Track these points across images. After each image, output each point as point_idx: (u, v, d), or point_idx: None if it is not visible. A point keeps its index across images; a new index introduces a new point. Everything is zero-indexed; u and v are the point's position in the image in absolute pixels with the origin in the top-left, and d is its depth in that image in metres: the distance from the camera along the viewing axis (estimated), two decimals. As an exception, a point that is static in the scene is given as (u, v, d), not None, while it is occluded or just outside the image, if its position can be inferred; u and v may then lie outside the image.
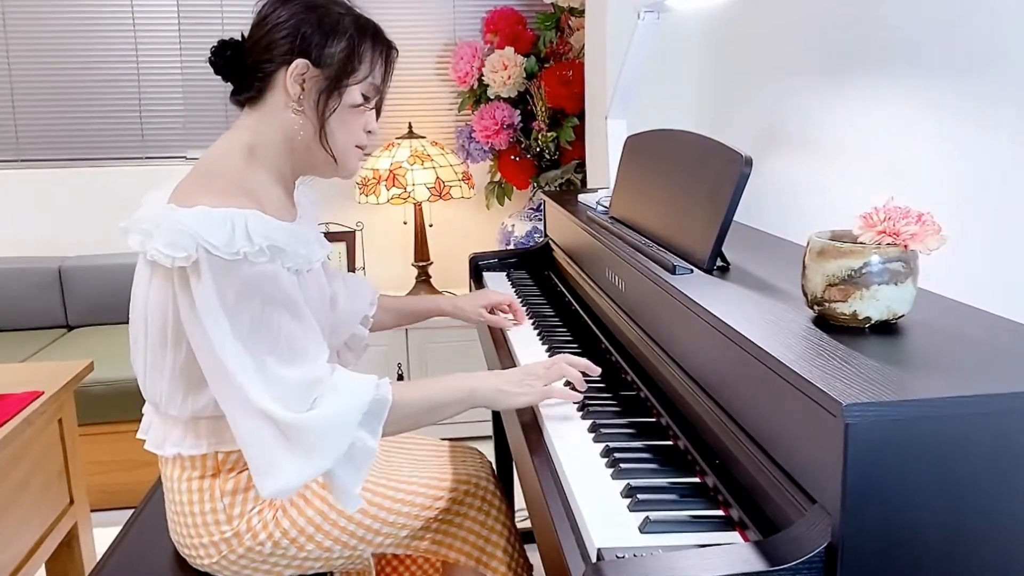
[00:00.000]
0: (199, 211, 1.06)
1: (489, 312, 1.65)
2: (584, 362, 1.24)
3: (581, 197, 1.98)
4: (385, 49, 1.23)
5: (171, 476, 1.23)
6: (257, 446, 1.06)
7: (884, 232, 0.89)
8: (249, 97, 1.20)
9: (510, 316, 1.66)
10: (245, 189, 1.13)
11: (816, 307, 0.95)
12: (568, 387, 1.24)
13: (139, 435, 1.26)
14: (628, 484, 0.97)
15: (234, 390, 1.06)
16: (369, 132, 1.25)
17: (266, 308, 1.07)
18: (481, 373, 1.23)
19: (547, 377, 1.21)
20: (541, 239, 2.24)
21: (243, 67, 1.19)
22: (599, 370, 1.25)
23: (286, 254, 1.10)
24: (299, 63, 1.16)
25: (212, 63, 1.21)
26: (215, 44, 1.21)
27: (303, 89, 1.17)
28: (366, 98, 1.21)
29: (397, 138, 3.04)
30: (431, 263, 3.13)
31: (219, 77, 1.22)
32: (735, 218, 1.20)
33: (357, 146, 1.24)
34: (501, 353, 1.53)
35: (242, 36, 1.21)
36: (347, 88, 1.18)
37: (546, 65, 2.97)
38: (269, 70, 1.17)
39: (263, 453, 1.06)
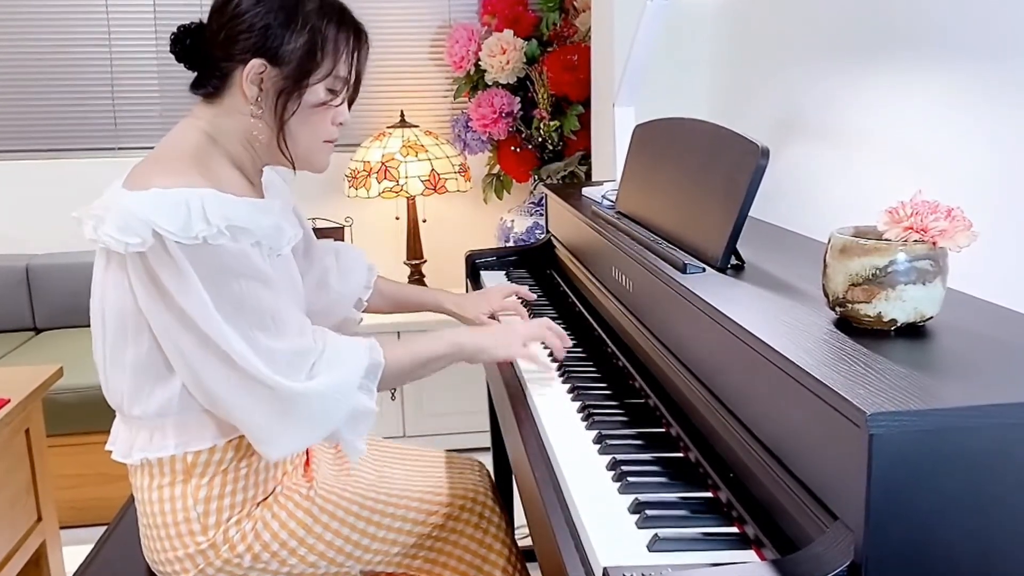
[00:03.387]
0: (152, 194, 1.08)
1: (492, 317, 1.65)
2: (560, 332, 1.38)
3: (585, 191, 1.98)
4: (352, 35, 1.20)
5: (141, 486, 1.23)
6: (255, 418, 1.12)
7: (911, 228, 0.89)
8: (209, 93, 1.20)
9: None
10: (201, 167, 1.14)
11: (838, 308, 0.95)
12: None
13: (107, 447, 1.27)
14: (636, 499, 0.97)
15: (224, 366, 1.09)
16: (340, 124, 1.25)
17: (244, 285, 1.10)
18: (464, 329, 1.34)
19: (526, 336, 1.34)
20: (543, 236, 2.24)
21: (204, 58, 1.20)
22: (570, 342, 1.40)
23: (248, 231, 1.11)
24: (255, 63, 1.15)
25: (173, 52, 1.21)
26: (175, 30, 1.21)
27: (261, 91, 1.17)
28: (333, 92, 1.20)
29: (388, 127, 3.04)
30: (425, 261, 3.13)
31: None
32: (751, 213, 1.20)
33: (326, 140, 1.24)
34: (500, 358, 1.53)
35: (201, 21, 1.21)
36: (308, 87, 1.17)
37: (549, 49, 2.97)
38: (227, 69, 1.17)
39: (262, 425, 1.12)
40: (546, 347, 1.41)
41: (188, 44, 1.20)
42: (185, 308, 1.07)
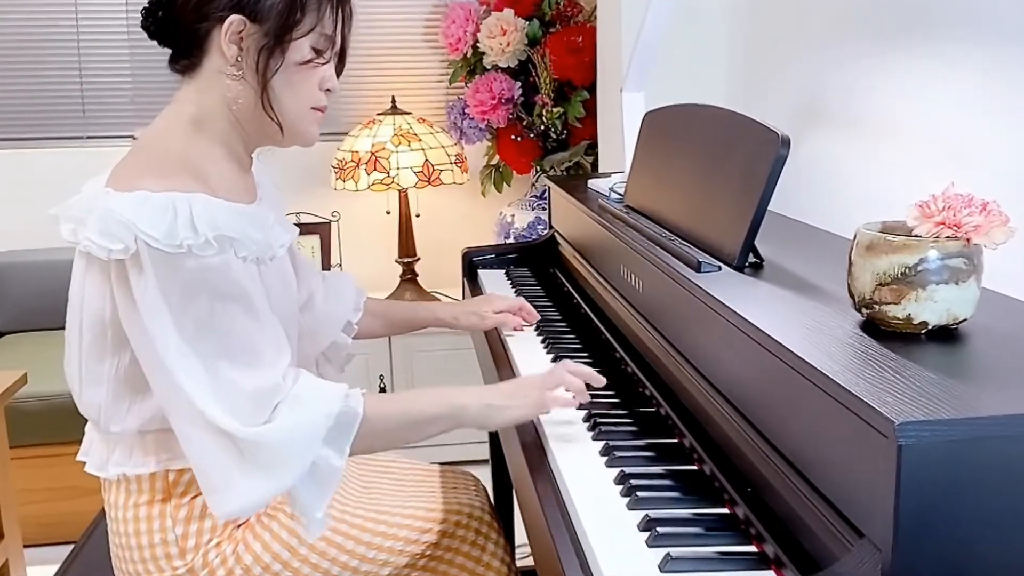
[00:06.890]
0: (137, 197, 1.07)
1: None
2: (587, 371, 1.24)
3: (591, 183, 1.98)
4: None
5: (116, 503, 1.23)
6: (208, 462, 1.08)
7: (943, 223, 0.89)
8: (187, 64, 1.21)
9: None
10: (191, 167, 1.14)
11: (864, 310, 0.95)
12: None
13: (79, 456, 1.26)
14: (646, 515, 0.97)
15: (181, 399, 1.07)
16: (328, 90, 1.24)
17: (216, 305, 1.08)
18: (471, 388, 1.24)
19: (544, 386, 1.21)
20: (545, 231, 2.25)
21: (178, 29, 1.20)
22: (603, 380, 1.25)
23: (238, 242, 1.11)
24: (233, 20, 1.15)
25: (145, 27, 1.21)
26: (145, 4, 1.21)
27: (241, 49, 1.17)
28: (317, 51, 1.21)
29: (379, 114, 3.04)
30: (418, 259, 3.13)
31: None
32: (770, 207, 1.20)
33: (314, 108, 1.24)
34: (499, 363, 1.53)
35: None
36: (291, 43, 1.18)
37: (552, 30, 2.97)
38: (203, 31, 1.17)
39: (215, 470, 1.08)
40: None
41: (160, 16, 1.20)
42: (147, 326, 1.06)
